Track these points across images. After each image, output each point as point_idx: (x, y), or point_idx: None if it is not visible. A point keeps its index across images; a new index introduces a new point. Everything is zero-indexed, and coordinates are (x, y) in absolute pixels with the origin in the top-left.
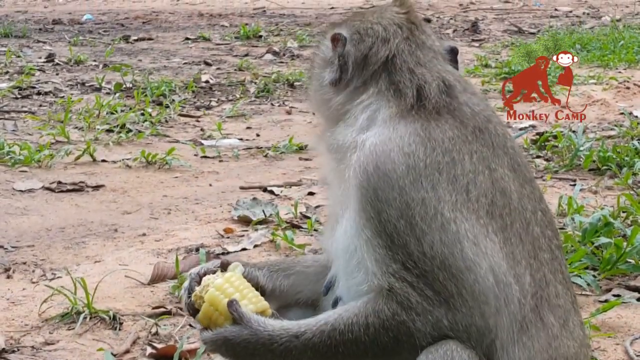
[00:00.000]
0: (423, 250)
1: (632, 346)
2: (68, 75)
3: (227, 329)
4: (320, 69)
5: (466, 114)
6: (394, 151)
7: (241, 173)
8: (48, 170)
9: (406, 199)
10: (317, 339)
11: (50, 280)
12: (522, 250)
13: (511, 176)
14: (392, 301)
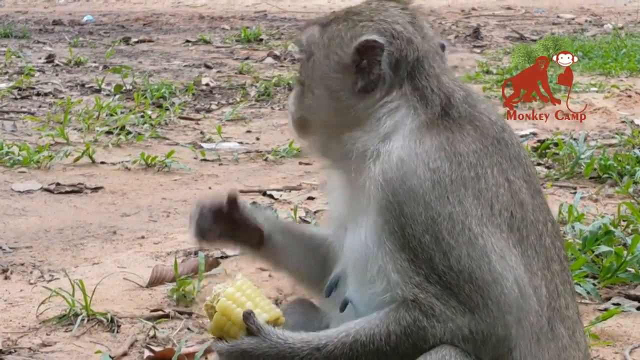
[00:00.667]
0: (450, 265)
1: (632, 355)
2: (68, 76)
3: (245, 342)
4: (337, 73)
5: (485, 123)
6: (419, 167)
7: (241, 177)
8: (47, 172)
9: (432, 214)
10: (339, 351)
11: (48, 281)
12: (537, 262)
13: (525, 187)
14: (415, 309)
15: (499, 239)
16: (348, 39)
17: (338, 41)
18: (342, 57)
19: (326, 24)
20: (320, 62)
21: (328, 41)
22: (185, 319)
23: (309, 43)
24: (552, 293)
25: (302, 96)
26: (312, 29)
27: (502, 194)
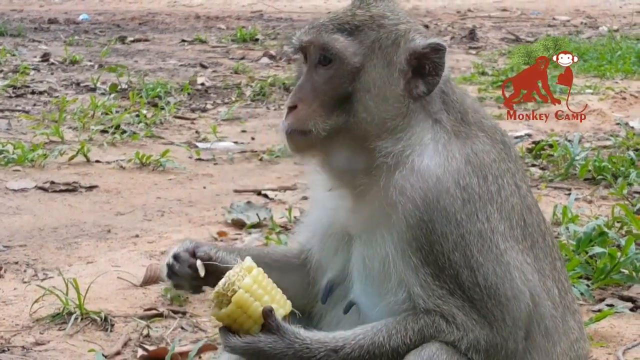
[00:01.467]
0: (477, 281)
1: (625, 356)
2: (63, 75)
3: (262, 339)
4: (395, 80)
5: (490, 128)
6: (452, 185)
7: (235, 176)
8: (41, 170)
9: (462, 232)
10: (356, 353)
11: (41, 280)
12: (546, 264)
13: (526, 188)
14: (436, 315)
15: (518, 252)
16: (403, 44)
17: (392, 48)
18: (400, 64)
19: (355, 31)
20: (372, 70)
21: (378, 49)
22: (179, 318)
23: (345, 53)
24: (561, 291)
25: (336, 110)
26: (336, 38)
27: (515, 203)
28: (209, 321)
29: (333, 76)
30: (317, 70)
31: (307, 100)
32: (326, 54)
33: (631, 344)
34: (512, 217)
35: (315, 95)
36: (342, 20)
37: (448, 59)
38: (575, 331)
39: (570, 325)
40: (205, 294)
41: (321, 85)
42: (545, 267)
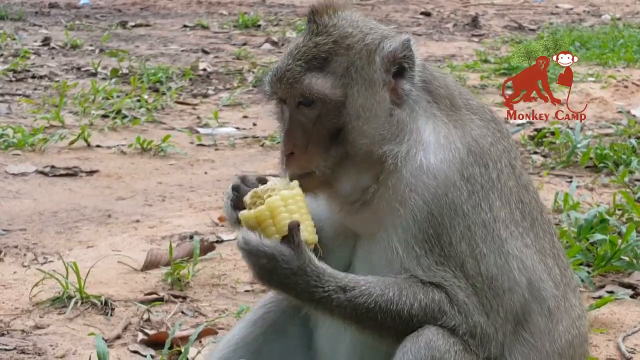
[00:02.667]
0: (479, 271)
1: (625, 342)
2: (64, 59)
3: (279, 248)
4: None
5: (478, 108)
6: (457, 178)
7: (237, 162)
8: (42, 154)
9: (469, 223)
10: (363, 299)
11: (41, 264)
12: (547, 242)
13: (520, 165)
14: (442, 292)
15: (518, 236)
16: (378, 57)
17: (368, 66)
18: (381, 77)
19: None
20: (357, 96)
21: (355, 73)
22: (179, 302)
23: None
24: (562, 269)
25: (332, 144)
26: (310, 82)
27: (513, 185)
28: (209, 306)
29: (319, 115)
30: (301, 111)
31: (301, 144)
32: (306, 100)
33: (631, 330)
34: (510, 200)
35: (308, 138)
36: (308, 56)
37: (416, 47)
38: (577, 308)
39: (572, 302)
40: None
41: (310, 126)
42: (545, 246)
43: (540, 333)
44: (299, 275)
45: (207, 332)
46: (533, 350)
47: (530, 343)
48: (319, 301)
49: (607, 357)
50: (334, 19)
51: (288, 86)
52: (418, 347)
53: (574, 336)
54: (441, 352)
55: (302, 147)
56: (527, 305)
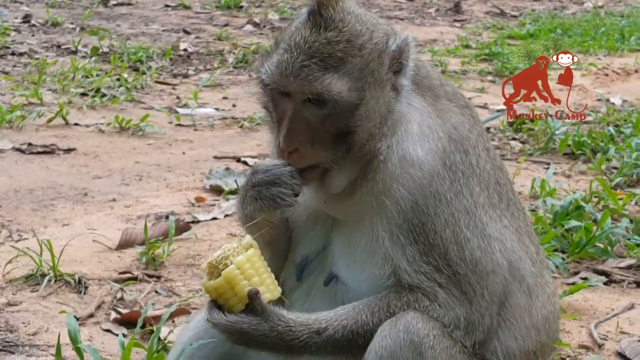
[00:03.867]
0: (463, 256)
1: (597, 329)
2: (44, 37)
3: (246, 320)
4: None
5: (453, 95)
6: (439, 167)
7: (215, 142)
8: (19, 132)
9: (452, 210)
10: (340, 334)
11: (16, 241)
12: (522, 221)
13: (493, 149)
14: (419, 293)
15: (497, 219)
16: (385, 56)
17: (379, 67)
18: (388, 76)
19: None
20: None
21: (369, 75)
22: (153, 282)
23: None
24: (536, 246)
25: (338, 141)
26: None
27: (490, 168)
28: (183, 285)
29: (330, 114)
30: (307, 108)
31: (307, 141)
32: (320, 98)
33: (604, 317)
34: (489, 184)
35: (314, 134)
36: (324, 54)
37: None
38: (550, 285)
39: (547, 279)
40: (177, 259)
41: (318, 124)
42: (521, 225)
43: (520, 310)
44: (272, 336)
45: (180, 311)
46: (514, 326)
47: (510, 320)
48: (299, 350)
49: (580, 343)
50: (339, 12)
51: (305, 83)
52: (397, 331)
53: (550, 312)
54: (420, 336)
55: (309, 144)
56: (508, 286)
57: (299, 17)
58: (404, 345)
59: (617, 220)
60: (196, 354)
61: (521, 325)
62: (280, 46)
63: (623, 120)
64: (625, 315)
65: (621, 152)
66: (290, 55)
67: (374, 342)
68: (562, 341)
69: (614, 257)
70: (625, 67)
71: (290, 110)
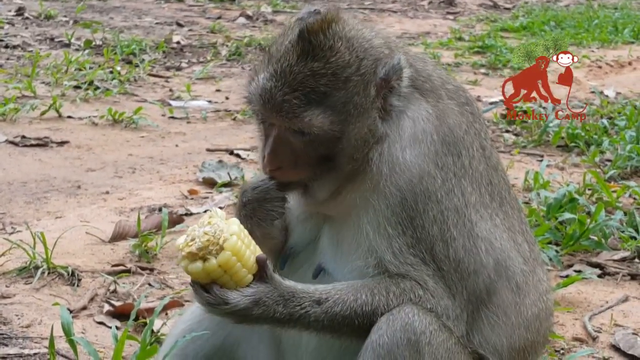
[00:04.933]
0: (448, 254)
1: (591, 321)
2: (37, 29)
3: (261, 289)
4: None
5: (454, 92)
6: (431, 167)
7: (208, 135)
8: (12, 124)
9: (442, 209)
10: (338, 308)
11: (9, 234)
12: (515, 219)
13: (490, 145)
14: (411, 280)
15: (487, 218)
16: (372, 86)
17: (365, 98)
18: (374, 105)
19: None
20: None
21: (353, 109)
22: (146, 274)
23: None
24: (530, 244)
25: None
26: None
27: (483, 168)
28: (176, 278)
29: (311, 142)
30: (290, 134)
31: (289, 163)
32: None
33: (598, 309)
34: (481, 184)
35: (297, 157)
36: (306, 88)
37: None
38: (544, 282)
39: (540, 277)
40: (170, 251)
41: (300, 149)
42: (514, 223)
43: (506, 307)
44: (279, 303)
45: (173, 304)
46: (499, 323)
47: (495, 318)
48: (298, 320)
49: (574, 335)
50: (330, 38)
51: (286, 119)
52: (394, 329)
53: (541, 309)
54: (417, 333)
55: (291, 166)
56: (492, 285)
57: (292, 32)
58: (402, 343)
59: (611, 213)
60: (189, 346)
61: (507, 323)
62: (268, 67)
63: (617, 113)
64: (619, 308)
65: (615, 144)
66: (274, 85)
67: (371, 339)
68: (556, 334)
69: (607, 250)
70: (619, 59)
71: (275, 133)
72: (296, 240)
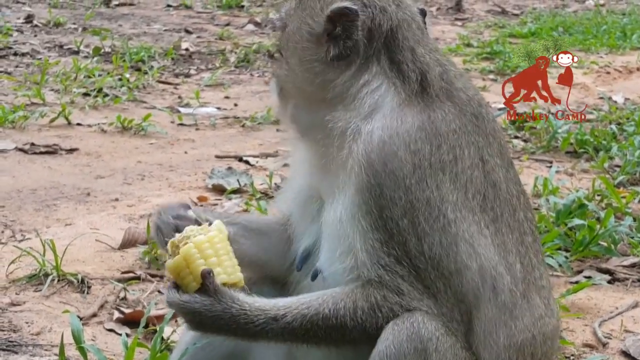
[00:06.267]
0: (422, 250)
1: (601, 327)
2: (46, 37)
3: (198, 300)
4: (310, 43)
5: (463, 100)
6: (401, 149)
7: (217, 142)
8: (22, 132)
9: (411, 199)
10: (298, 323)
11: (19, 241)
12: (511, 239)
13: (499, 164)
14: (383, 288)
15: (471, 223)
16: (319, 7)
17: (310, 10)
18: (314, 26)
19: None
20: (293, 32)
21: (302, 11)
22: (156, 281)
23: (286, 15)
24: (526, 267)
25: (280, 66)
26: (290, 1)
27: (476, 176)
28: None
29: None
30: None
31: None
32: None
33: (608, 315)
34: (469, 188)
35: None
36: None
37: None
38: (540, 308)
39: (535, 302)
40: None
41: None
42: (508, 242)
43: (492, 325)
44: (225, 318)
45: None
46: (487, 341)
47: (482, 334)
48: (256, 335)
49: (584, 342)
50: None
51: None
52: (400, 340)
53: (535, 335)
54: (424, 341)
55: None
56: (478, 291)
57: None
58: (409, 352)
59: (621, 219)
60: (199, 353)
61: (494, 343)
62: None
63: (625, 119)
64: (630, 314)
65: (624, 150)
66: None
67: (378, 349)
68: (566, 340)
69: (617, 256)
70: (627, 65)
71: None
72: (306, 243)
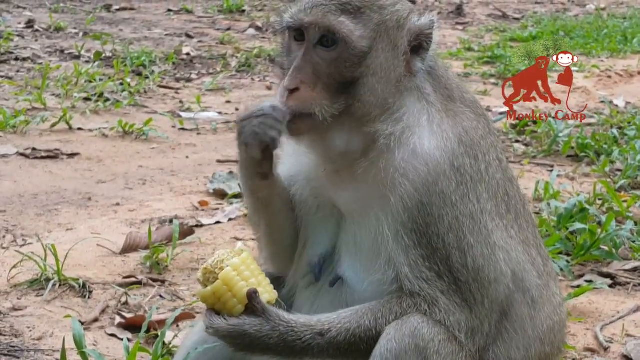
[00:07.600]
0: (465, 262)
1: (603, 332)
2: (47, 42)
3: (247, 322)
4: (397, 59)
5: (472, 103)
6: (447, 167)
7: (219, 146)
8: (23, 136)
9: (457, 214)
10: (342, 337)
11: (20, 246)
12: (530, 233)
13: (506, 159)
14: (420, 299)
15: (503, 228)
16: (406, 26)
17: (396, 31)
18: (403, 45)
19: (358, 14)
20: (380, 54)
21: (384, 32)
22: (157, 286)
23: (352, 37)
24: (544, 258)
25: (340, 92)
26: (342, 21)
27: (500, 178)
28: (187, 290)
29: (337, 59)
30: (317, 51)
31: (310, 82)
32: (331, 36)
33: (609, 319)
34: (497, 194)
35: (318, 78)
36: (343, 1)
37: (437, 31)
38: (557, 296)
39: (554, 291)
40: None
41: (324, 68)
42: (529, 237)
43: (522, 321)
44: (274, 337)
45: (185, 316)
46: (516, 337)
47: (513, 331)
48: (302, 352)
49: (585, 346)
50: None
51: (320, 15)
52: (402, 335)
53: (555, 322)
54: (425, 340)
55: (311, 86)
56: (511, 296)
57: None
58: (409, 349)
59: (622, 223)
60: (201, 358)
61: (524, 336)
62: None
63: (626, 123)
64: (631, 318)
65: (625, 154)
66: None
67: (380, 345)
68: (568, 344)
69: (618, 260)
70: (628, 69)
71: (302, 52)
72: (320, 250)
